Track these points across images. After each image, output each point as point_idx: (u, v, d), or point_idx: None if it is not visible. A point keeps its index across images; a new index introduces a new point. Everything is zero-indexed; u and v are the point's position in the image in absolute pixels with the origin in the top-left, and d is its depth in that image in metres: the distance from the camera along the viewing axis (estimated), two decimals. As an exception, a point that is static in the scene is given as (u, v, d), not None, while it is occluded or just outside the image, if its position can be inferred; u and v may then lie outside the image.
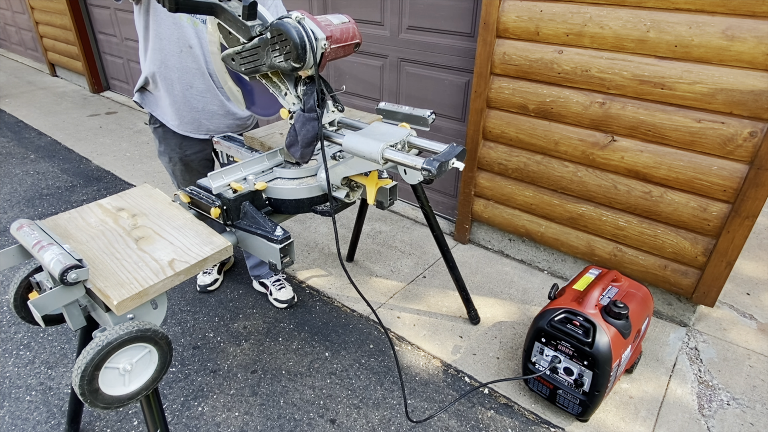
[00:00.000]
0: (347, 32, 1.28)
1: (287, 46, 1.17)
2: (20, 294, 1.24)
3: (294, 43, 1.16)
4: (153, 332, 1.10)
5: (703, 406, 1.81)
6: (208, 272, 2.44)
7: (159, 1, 1.27)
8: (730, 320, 2.23)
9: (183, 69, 1.76)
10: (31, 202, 3.15)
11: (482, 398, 1.85)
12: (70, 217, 1.32)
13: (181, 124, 1.88)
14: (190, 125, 1.89)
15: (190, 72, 1.77)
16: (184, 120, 1.87)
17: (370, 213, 3.09)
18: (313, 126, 1.32)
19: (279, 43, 1.19)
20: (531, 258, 2.61)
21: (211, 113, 1.88)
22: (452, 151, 1.23)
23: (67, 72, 5.79)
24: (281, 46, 1.19)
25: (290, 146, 1.41)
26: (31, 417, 1.75)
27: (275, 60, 1.22)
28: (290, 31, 1.16)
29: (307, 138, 1.35)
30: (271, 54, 1.22)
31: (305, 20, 1.19)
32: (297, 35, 1.16)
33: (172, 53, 1.73)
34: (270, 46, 1.21)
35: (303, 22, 1.18)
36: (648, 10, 1.79)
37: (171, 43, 1.71)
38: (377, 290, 2.39)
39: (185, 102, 1.83)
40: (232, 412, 1.78)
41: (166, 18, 1.66)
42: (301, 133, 1.35)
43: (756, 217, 1.82)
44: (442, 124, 2.76)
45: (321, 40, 1.21)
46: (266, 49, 1.22)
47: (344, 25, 1.28)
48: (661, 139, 1.93)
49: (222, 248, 1.21)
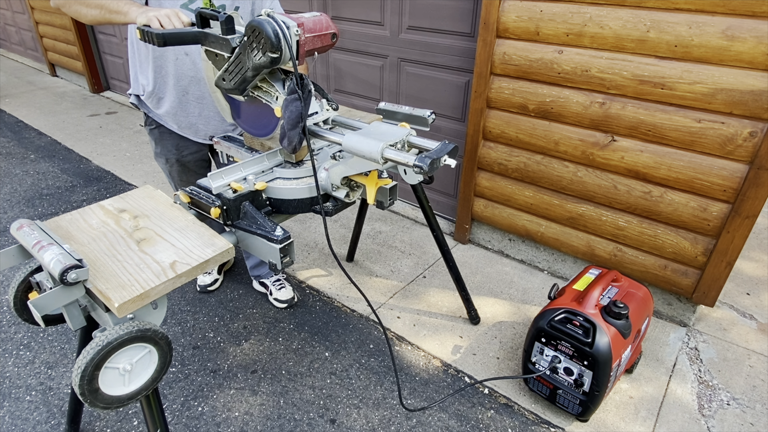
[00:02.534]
0: (319, 23, 1.34)
1: (262, 39, 1.22)
2: (20, 294, 1.24)
3: (266, 33, 1.20)
4: (153, 332, 1.10)
5: (703, 406, 1.81)
6: (209, 272, 2.44)
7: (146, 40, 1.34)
8: (730, 320, 2.23)
9: (179, 76, 1.77)
10: (31, 202, 3.15)
11: (482, 398, 1.85)
12: (72, 218, 1.32)
13: (180, 128, 1.90)
14: (188, 129, 1.90)
15: (185, 79, 1.78)
16: (182, 125, 1.88)
17: (370, 213, 3.09)
18: (297, 106, 1.33)
19: (255, 40, 1.23)
20: (531, 258, 2.61)
21: (208, 118, 1.89)
22: (444, 149, 1.26)
23: (67, 72, 5.79)
24: (257, 43, 1.23)
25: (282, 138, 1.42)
26: (31, 417, 1.75)
27: (256, 59, 1.27)
28: (262, 23, 1.21)
29: (291, 119, 1.35)
30: (251, 55, 1.27)
31: (275, 15, 1.25)
32: (269, 27, 1.21)
33: (168, 60, 1.74)
34: (248, 46, 1.26)
35: (273, 15, 1.24)
36: (648, 10, 1.79)
37: (167, 50, 1.72)
38: (377, 290, 2.39)
39: (181, 107, 1.84)
40: (232, 412, 1.78)
41: None
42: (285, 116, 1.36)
43: (756, 217, 1.82)
44: (442, 124, 2.76)
45: (293, 28, 1.26)
46: (246, 51, 1.27)
47: (315, 17, 1.34)
48: (661, 139, 1.93)
49: (224, 250, 1.21)
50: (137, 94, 1.88)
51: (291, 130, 1.38)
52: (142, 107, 1.91)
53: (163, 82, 1.80)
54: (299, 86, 1.32)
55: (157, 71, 1.77)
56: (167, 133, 1.92)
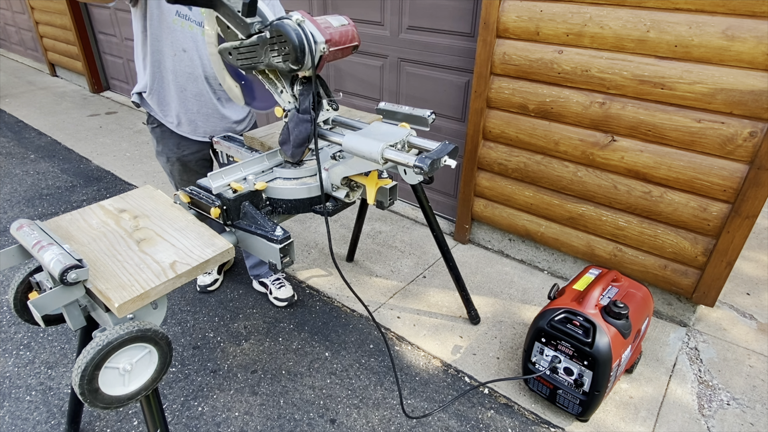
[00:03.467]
0: (346, 35, 1.29)
1: (286, 48, 1.17)
2: (20, 294, 1.24)
3: (293, 45, 1.16)
4: (153, 332, 1.10)
5: (703, 406, 1.81)
6: (208, 272, 2.44)
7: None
8: (730, 320, 2.23)
9: (176, 72, 1.77)
10: (31, 202, 3.15)
11: (482, 398, 1.85)
12: (72, 218, 1.32)
13: (179, 125, 1.89)
14: (187, 126, 1.90)
15: (183, 75, 1.78)
16: (182, 122, 1.88)
17: (370, 213, 3.09)
18: (306, 127, 1.32)
19: (278, 43, 1.19)
20: (531, 258, 2.61)
21: (206, 116, 1.89)
22: (444, 149, 1.25)
23: (67, 72, 5.79)
24: (280, 47, 1.19)
25: (283, 143, 1.42)
26: (31, 417, 1.75)
27: (273, 60, 1.22)
28: (290, 33, 1.16)
29: (299, 138, 1.35)
30: (270, 53, 1.22)
31: (305, 23, 1.19)
32: (296, 38, 1.16)
33: (166, 56, 1.74)
34: (269, 45, 1.21)
35: (303, 25, 1.19)
36: (648, 10, 1.79)
37: (165, 45, 1.72)
38: (377, 290, 2.39)
39: (181, 104, 1.84)
40: (232, 412, 1.78)
41: (160, 22, 1.67)
42: (294, 132, 1.35)
43: (756, 217, 1.82)
44: (442, 124, 2.76)
45: (320, 44, 1.21)
46: (264, 48, 1.22)
47: (343, 27, 1.29)
48: (661, 139, 1.93)
49: (224, 250, 1.21)
50: (139, 92, 1.88)
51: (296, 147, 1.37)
52: (144, 105, 1.91)
53: (161, 78, 1.80)
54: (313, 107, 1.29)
55: (155, 66, 1.77)
56: (168, 131, 1.92)
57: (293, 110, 1.36)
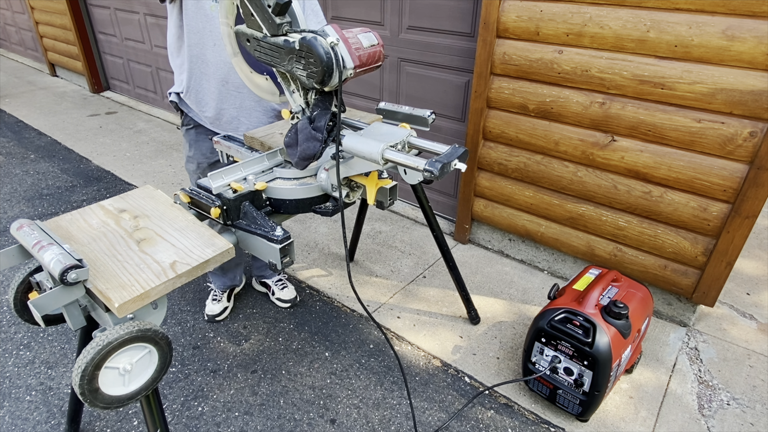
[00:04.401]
0: (374, 56, 1.26)
1: (312, 67, 1.14)
2: (20, 294, 1.24)
3: (322, 68, 1.13)
4: (153, 332, 1.10)
5: (703, 406, 1.81)
6: (217, 299, 2.24)
7: None
8: (730, 320, 2.23)
9: (218, 63, 1.71)
10: (31, 202, 3.15)
11: (482, 398, 1.85)
12: (72, 218, 1.32)
13: (220, 124, 1.82)
14: (228, 124, 1.83)
15: (225, 65, 1.71)
16: (223, 119, 1.81)
17: (370, 213, 3.09)
18: (316, 146, 1.30)
19: (306, 58, 1.15)
20: (531, 258, 2.61)
21: (249, 109, 1.82)
22: (454, 153, 1.22)
23: (67, 72, 5.79)
24: (306, 63, 1.15)
25: (288, 147, 1.41)
26: (31, 417, 1.75)
27: (297, 71, 1.19)
28: (321, 55, 1.12)
29: (306, 153, 1.34)
30: (294, 63, 1.18)
31: (339, 46, 1.16)
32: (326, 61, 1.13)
33: (207, 46, 1.68)
34: (295, 56, 1.18)
35: (336, 49, 1.15)
36: (648, 10, 1.79)
37: (204, 36, 1.66)
38: (377, 290, 2.39)
39: (222, 99, 1.77)
40: (232, 412, 1.78)
41: (197, 11, 1.63)
42: (302, 145, 1.33)
43: (756, 217, 1.82)
44: (442, 124, 2.76)
45: (349, 69, 1.19)
46: (290, 57, 1.19)
47: (373, 48, 1.26)
48: (661, 139, 1.93)
49: (224, 250, 1.21)
50: (178, 92, 1.82)
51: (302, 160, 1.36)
52: (181, 105, 1.85)
53: (200, 74, 1.73)
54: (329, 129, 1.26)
55: (193, 61, 1.71)
56: (204, 134, 1.86)
57: (305, 120, 1.34)
